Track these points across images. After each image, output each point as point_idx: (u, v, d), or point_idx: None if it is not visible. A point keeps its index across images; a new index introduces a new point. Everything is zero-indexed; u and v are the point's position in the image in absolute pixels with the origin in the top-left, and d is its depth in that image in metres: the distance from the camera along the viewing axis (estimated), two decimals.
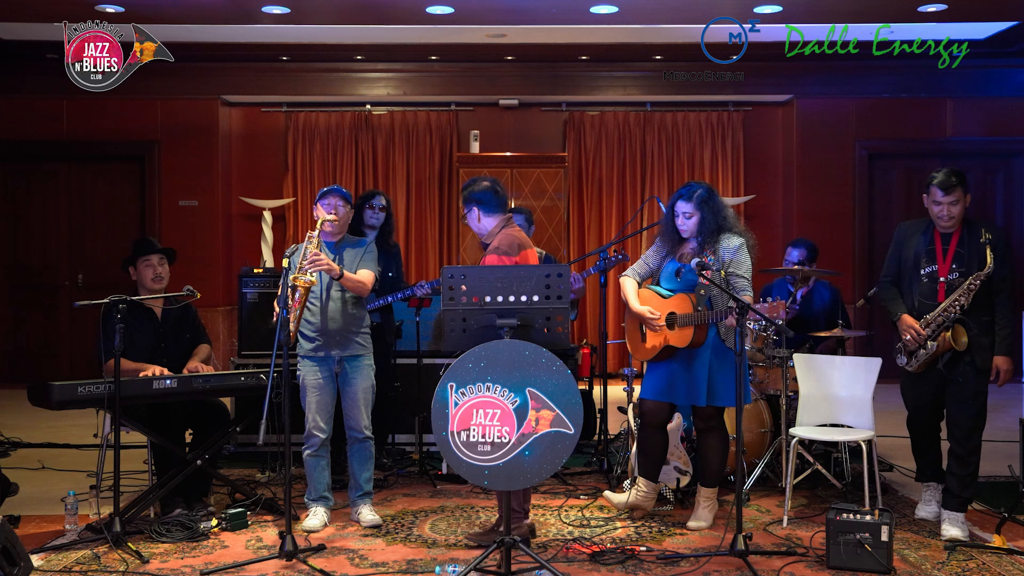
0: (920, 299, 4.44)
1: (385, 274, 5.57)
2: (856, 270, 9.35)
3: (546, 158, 9.36)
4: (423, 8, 6.87)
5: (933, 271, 4.41)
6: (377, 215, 5.66)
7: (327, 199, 4.58)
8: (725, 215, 4.48)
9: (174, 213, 9.31)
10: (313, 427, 4.55)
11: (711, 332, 4.39)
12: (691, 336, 4.32)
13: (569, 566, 3.98)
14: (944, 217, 4.37)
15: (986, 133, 9.36)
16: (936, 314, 4.34)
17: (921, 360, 4.40)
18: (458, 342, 3.82)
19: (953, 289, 4.33)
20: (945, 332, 4.30)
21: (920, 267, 4.45)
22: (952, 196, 4.33)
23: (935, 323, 4.34)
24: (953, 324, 4.29)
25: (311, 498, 4.62)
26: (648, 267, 4.63)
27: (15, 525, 4.53)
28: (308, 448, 4.58)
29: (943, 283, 4.37)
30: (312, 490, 4.62)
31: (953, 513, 4.40)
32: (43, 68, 8.58)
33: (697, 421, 4.57)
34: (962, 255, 4.36)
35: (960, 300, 4.28)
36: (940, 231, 4.44)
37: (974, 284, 4.27)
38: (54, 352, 9.45)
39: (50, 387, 4.24)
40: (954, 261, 4.37)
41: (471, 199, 4.35)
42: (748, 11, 6.67)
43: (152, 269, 4.84)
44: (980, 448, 4.43)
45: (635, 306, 4.49)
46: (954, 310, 4.29)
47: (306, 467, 4.61)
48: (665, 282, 4.54)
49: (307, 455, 4.58)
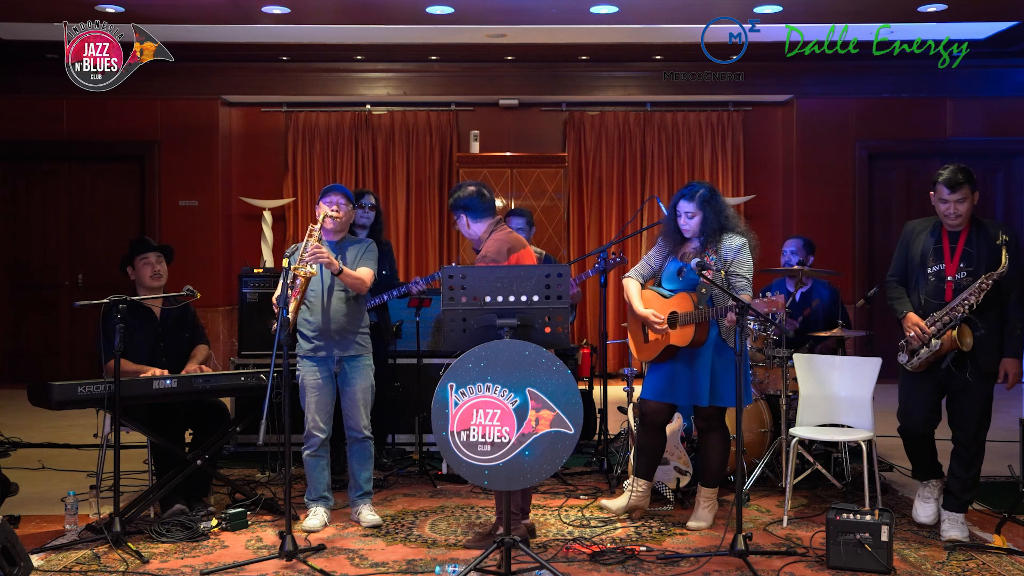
0: (927, 298, 4.35)
1: (379, 272, 5.57)
2: (856, 270, 9.35)
3: (546, 158, 9.36)
4: (423, 8, 6.87)
5: (940, 270, 4.33)
6: (367, 214, 5.66)
7: (329, 196, 4.58)
8: (727, 214, 4.49)
9: (174, 213, 9.32)
10: (312, 427, 4.55)
11: (712, 332, 4.39)
12: (692, 335, 4.32)
13: (569, 566, 3.98)
14: (951, 215, 4.28)
15: (986, 133, 9.36)
16: (943, 312, 4.25)
17: (923, 359, 4.32)
18: (458, 342, 3.82)
19: (961, 288, 4.24)
20: (951, 331, 4.22)
21: (927, 265, 4.36)
22: (958, 194, 4.24)
23: (941, 321, 4.25)
24: (960, 324, 4.21)
25: (311, 498, 4.62)
26: (650, 267, 4.64)
27: (15, 525, 4.53)
28: (308, 448, 4.58)
29: (950, 282, 4.29)
30: (312, 490, 4.62)
31: (953, 514, 4.35)
32: (43, 68, 8.59)
33: (699, 421, 4.57)
34: (971, 254, 4.27)
35: (970, 299, 4.19)
36: (948, 229, 4.35)
37: (986, 284, 4.18)
38: (54, 352, 9.45)
39: (50, 387, 4.24)
40: (962, 260, 4.28)
41: (457, 206, 4.36)
42: (748, 11, 6.67)
43: (150, 267, 4.83)
44: (984, 451, 4.37)
45: (639, 309, 4.49)
46: (963, 309, 4.20)
47: (306, 467, 4.61)
48: (667, 282, 4.54)
49: (307, 455, 4.58)
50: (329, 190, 4.63)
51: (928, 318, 4.29)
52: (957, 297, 4.24)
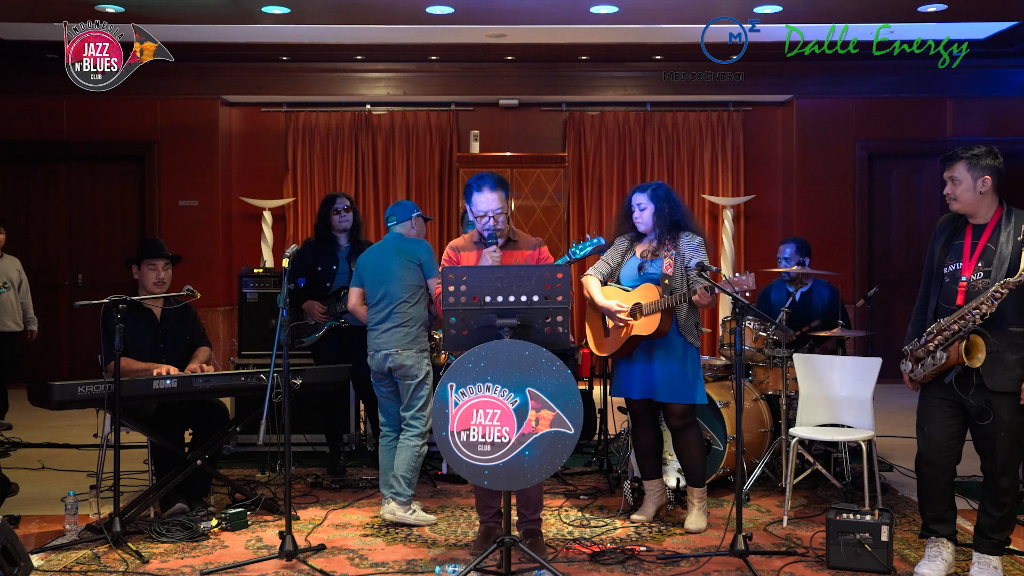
0: (940, 303, 3.72)
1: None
2: (856, 270, 9.35)
3: (546, 158, 9.36)
4: (423, 8, 6.87)
5: (956, 270, 3.71)
6: (344, 217, 5.66)
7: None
8: (681, 211, 4.58)
9: (174, 213, 9.32)
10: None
11: (672, 327, 4.42)
12: (658, 323, 4.34)
13: (569, 566, 3.98)
14: (947, 197, 3.73)
15: (986, 133, 9.35)
16: (952, 320, 3.61)
17: (928, 370, 3.70)
18: (458, 342, 3.82)
19: (974, 293, 3.62)
20: (958, 343, 3.58)
21: (944, 265, 3.75)
22: (951, 171, 3.70)
23: (949, 330, 3.61)
24: (969, 335, 3.57)
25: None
26: (608, 266, 4.67)
27: (15, 525, 4.53)
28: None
29: (963, 283, 3.65)
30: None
31: (985, 556, 3.70)
32: (43, 68, 8.59)
33: (672, 420, 4.54)
34: (991, 252, 3.62)
35: (981, 308, 3.54)
36: (972, 223, 3.73)
37: (1000, 292, 3.51)
38: (54, 352, 9.44)
39: (50, 387, 4.24)
40: (980, 259, 3.64)
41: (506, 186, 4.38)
42: (748, 11, 6.67)
43: (156, 273, 4.84)
44: (1019, 485, 3.79)
45: (600, 300, 4.51)
46: (973, 319, 3.56)
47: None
48: (626, 280, 4.58)
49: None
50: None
51: (934, 324, 3.70)
52: (967, 304, 3.60)
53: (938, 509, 3.79)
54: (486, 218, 4.21)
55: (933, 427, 3.75)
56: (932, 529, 3.81)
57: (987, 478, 3.71)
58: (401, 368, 4.63)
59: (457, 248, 4.40)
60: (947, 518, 3.80)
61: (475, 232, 4.36)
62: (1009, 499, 3.67)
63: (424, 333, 4.74)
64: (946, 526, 3.79)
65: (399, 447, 4.66)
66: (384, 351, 4.66)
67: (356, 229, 5.74)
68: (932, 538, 3.81)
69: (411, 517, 4.57)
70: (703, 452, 4.65)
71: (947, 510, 3.80)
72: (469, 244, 4.38)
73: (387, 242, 4.84)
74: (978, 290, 3.62)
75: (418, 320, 4.70)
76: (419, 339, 4.69)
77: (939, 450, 3.73)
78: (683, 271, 4.43)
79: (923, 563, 3.80)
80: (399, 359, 4.63)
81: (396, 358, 4.63)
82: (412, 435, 4.64)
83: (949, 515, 3.80)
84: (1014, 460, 3.68)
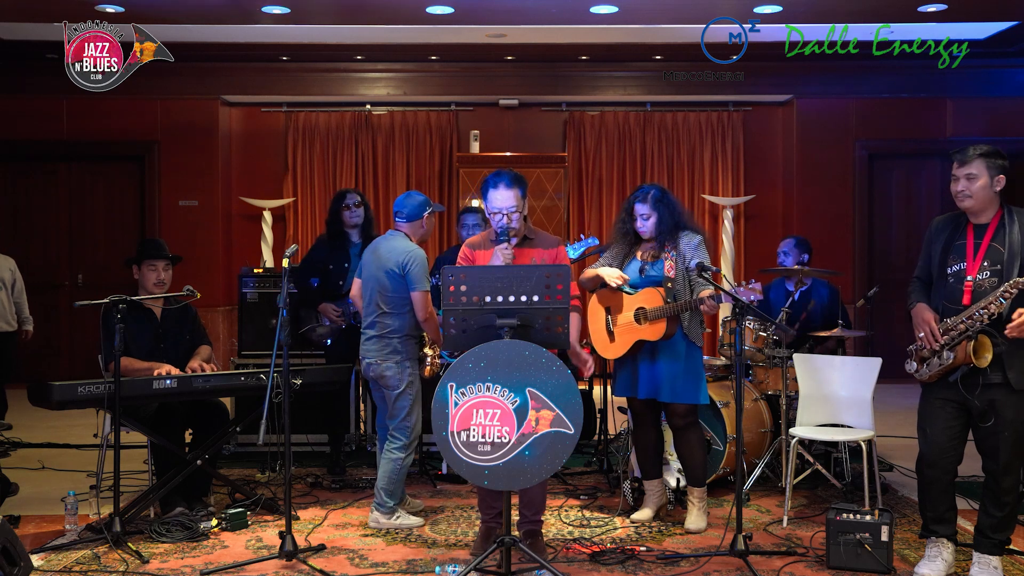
0: (945, 303, 3.72)
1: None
2: (856, 270, 9.35)
3: (546, 158, 9.36)
4: (423, 8, 6.87)
5: (960, 269, 3.69)
6: (355, 213, 5.66)
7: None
8: (680, 212, 4.58)
9: (174, 213, 9.31)
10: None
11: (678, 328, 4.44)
12: (664, 329, 4.36)
13: (569, 566, 3.98)
14: (961, 195, 3.68)
15: (986, 133, 9.35)
16: (959, 319, 3.61)
17: (934, 370, 3.69)
18: (458, 342, 3.82)
19: (982, 293, 3.62)
20: (966, 342, 3.59)
21: (947, 265, 3.74)
22: (969, 167, 3.66)
23: (956, 330, 3.61)
24: (977, 335, 3.57)
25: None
26: (610, 265, 4.65)
27: (15, 525, 4.53)
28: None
29: (969, 283, 3.65)
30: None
31: (985, 556, 3.71)
32: (43, 68, 8.58)
33: (674, 419, 4.55)
34: (998, 252, 3.62)
35: (990, 308, 3.54)
36: (973, 223, 3.73)
37: (1009, 292, 3.52)
38: (54, 352, 9.44)
39: (50, 387, 4.24)
40: (986, 258, 3.64)
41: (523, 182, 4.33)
42: (748, 11, 6.67)
43: (156, 274, 4.83)
44: (1020, 485, 3.80)
45: (601, 271, 4.50)
46: (981, 319, 3.56)
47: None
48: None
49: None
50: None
51: (941, 324, 3.68)
52: (976, 303, 3.60)
53: (939, 509, 3.79)
54: (499, 215, 4.17)
55: (935, 428, 3.74)
56: (932, 529, 3.82)
57: (989, 478, 3.71)
58: (382, 378, 4.63)
59: (474, 245, 4.37)
60: (947, 518, 3.80)
61: (492, 230, 4.33)
62: (1010, 499, 3.68)
63: (407, 343, 4.64)
64: (946, 526, 3.80)
65: (382, 458, 4.66)
66: (367, 359, 4.67)
67: (368, 224, 5.74)
68: (932, 538, 3.82)
69: (395, 522, 4.57)
70: (704, 452, 4.66)
71: (947, 510, 3.81)
72: (485, 242, 4.35)
73: (382, 243, 4.76)
74: (985, 289, 3.61)
75: (399, 331, 4.61)
76: (399, 350, 4.61)
77: (941, 451, 3.73)
78: (684, 271, 4.44)
79: (923, 563, 3.81)
80: (379, 369, 4.62)
81: (377, 368, 4.62)
82: (394, 447, 4.61)
83: (949, 515, 3.81)
84: (1016, 460, 3.68)
